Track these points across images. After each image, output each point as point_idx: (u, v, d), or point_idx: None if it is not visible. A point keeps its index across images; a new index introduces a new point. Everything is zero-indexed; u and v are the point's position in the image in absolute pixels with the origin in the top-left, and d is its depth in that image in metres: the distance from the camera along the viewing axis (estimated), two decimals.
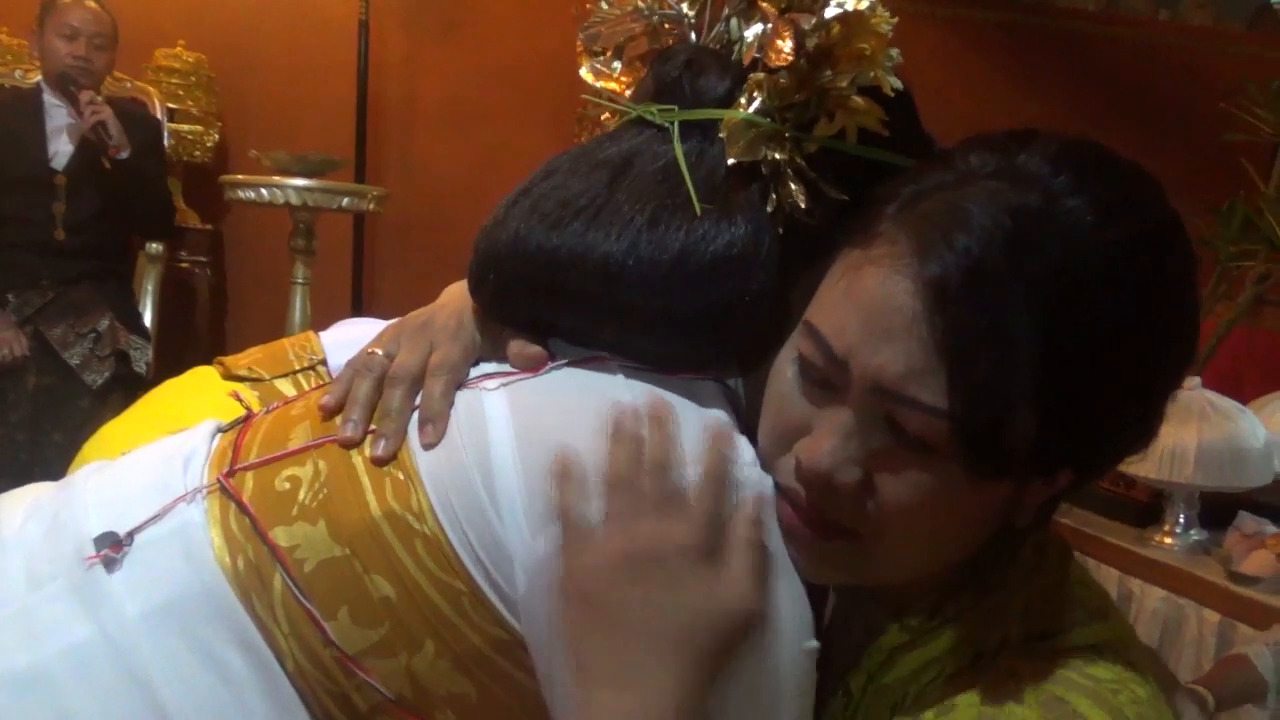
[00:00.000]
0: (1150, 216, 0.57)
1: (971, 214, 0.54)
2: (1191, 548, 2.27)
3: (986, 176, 0.56)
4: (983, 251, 0.53)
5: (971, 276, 0.53)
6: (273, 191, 2.77)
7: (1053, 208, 0.54)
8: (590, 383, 0.65)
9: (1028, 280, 0.53)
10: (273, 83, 3.58)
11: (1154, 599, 2.22)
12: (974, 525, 0.61)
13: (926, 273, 0.54)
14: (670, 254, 0.62)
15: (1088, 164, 0.57)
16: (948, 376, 0.54)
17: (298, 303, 2.92)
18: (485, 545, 0.60)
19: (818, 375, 0.59)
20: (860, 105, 0.63)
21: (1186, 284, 0.59)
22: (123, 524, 0.64)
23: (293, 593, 0.61)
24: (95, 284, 2.78)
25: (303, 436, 0.67)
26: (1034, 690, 0.58)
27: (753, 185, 0.64)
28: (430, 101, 3.73)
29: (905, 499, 0.58)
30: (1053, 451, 0.57)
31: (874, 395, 0.57)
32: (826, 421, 0.59)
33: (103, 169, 2.71)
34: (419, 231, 3.70)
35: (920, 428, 0.56)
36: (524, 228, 0.65)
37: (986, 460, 0.56)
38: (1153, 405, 0.60)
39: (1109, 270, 0.54)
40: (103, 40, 2.78)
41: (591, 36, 0.72)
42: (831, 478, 0.58)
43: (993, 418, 0.54)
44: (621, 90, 0.73)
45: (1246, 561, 2.09)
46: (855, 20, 0.62)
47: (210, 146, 3.45)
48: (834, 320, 0.58)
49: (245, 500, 0.64)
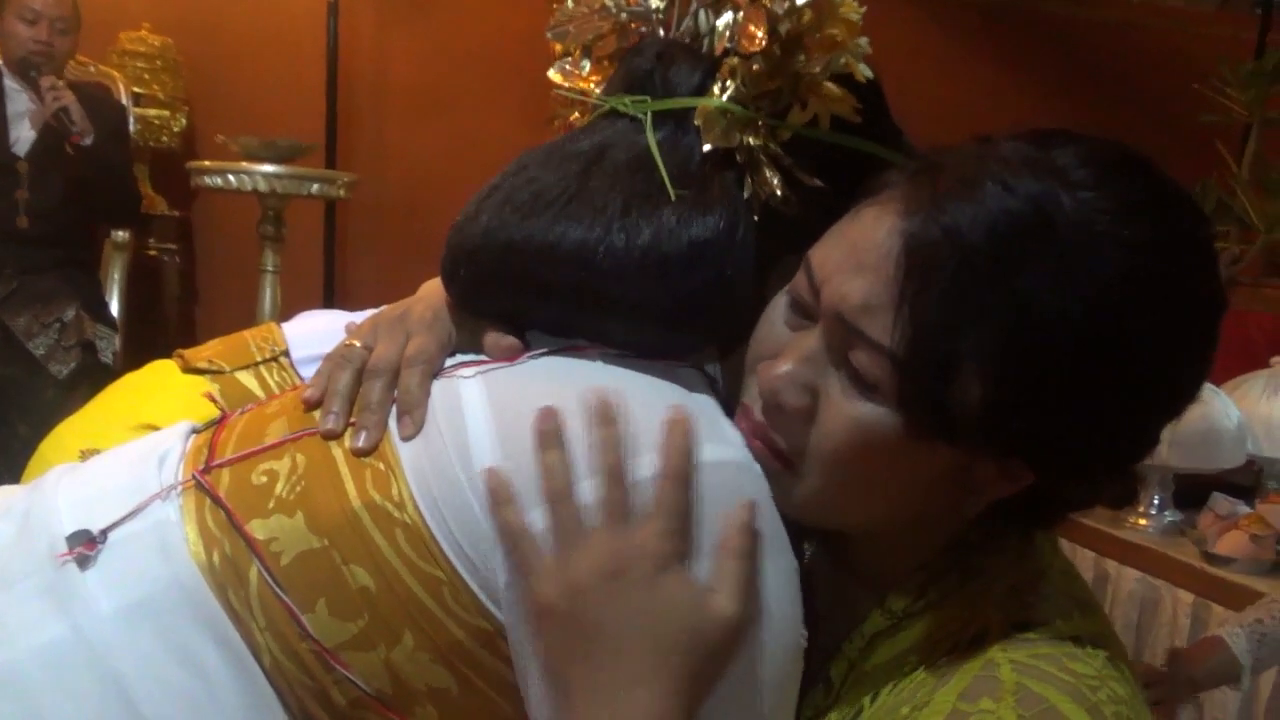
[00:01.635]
0: (1173, 229, 0.56)
1: (980, 186, 0.54)
2: (1166, 529, 2.28)
3: (1013, 159, 0.56)
4: (973, 220, 0.53)
5: (951, 236, 0.53)
6: (241, 178, 2.74)
7: (1068, 197, 0.54)
8: (568, 369, 0.64)
9: (1011, 263, 0.52)
10: (241, 66, 3.53)
11: (1130, 580, 2.24)
12: (906, 486, 0.60)
13: (911, 220, 0.55)
14: (643, 241, 0.62)
15: (1119, 165, 0.56)
16: (895, 320, 0.55)
17: (268, 291, 2.89)
18: (466, 532, 0.59)
19: (801, 304, 0.61)
20: (834, 92, 0.64)
21: (1196, 312, 0.56)
22: (96, 522, 0.63)
23: (270, 586, 0.60)
24: (60, 272, 2.73)
25: (279, 432, 0.67)
26: (1012, 685, 0.57)
27: (727, 173, 0.64)
28: (402, 85, 3.70)
29: (841, 437, 0.58)
30: (996, 430, 0.56)
31: (835, 324, 0.58)
32: (793, 345, 0.60)
33: (66, 155, 2.66)
34: (392, 216, 3.67)
35: (866, 364, 0.57)
36: (496, 220, 0.65)
37: (922, 413, 0.56)
38: (1137, 425, 0.58)
39: (1113, 272, 0.53)
40: (65, 24, 2.73)
41: (559, 35, 0.72)
42: (779, 397, 0.59)
43: (933, 372, 0.54)
44: (591, 90, 0.73)
45: (1221, 542, 2.10)
46: (826, 6, 0.63)
47: (177, 132, 3.41)
48: (823, 250, 0.60)
49: (221, 495, 0.63)
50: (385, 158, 3.67)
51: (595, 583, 0.56)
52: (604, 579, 0.56)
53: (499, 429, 0.60)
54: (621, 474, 0.58)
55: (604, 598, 0.56)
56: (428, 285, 0.74)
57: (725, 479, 0.59)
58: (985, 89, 4.04)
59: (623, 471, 0.58)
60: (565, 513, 0.58)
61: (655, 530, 0.57)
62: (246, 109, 3.48)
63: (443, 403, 0.63)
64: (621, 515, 0.57)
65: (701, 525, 0.58)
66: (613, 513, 0.57)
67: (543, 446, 0.58)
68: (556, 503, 0.58)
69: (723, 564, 0.57)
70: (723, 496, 0.59)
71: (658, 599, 0.56)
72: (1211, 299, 0.57)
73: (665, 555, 0.56)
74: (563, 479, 0.58)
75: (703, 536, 0.58)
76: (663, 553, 0.56)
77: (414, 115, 3.69)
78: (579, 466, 0.58)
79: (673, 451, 0.58)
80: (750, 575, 0.58)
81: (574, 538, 0.57)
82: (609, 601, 0.56)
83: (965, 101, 3.98)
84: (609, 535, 0.57)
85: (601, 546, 0.57)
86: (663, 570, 0.56)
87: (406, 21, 3.67)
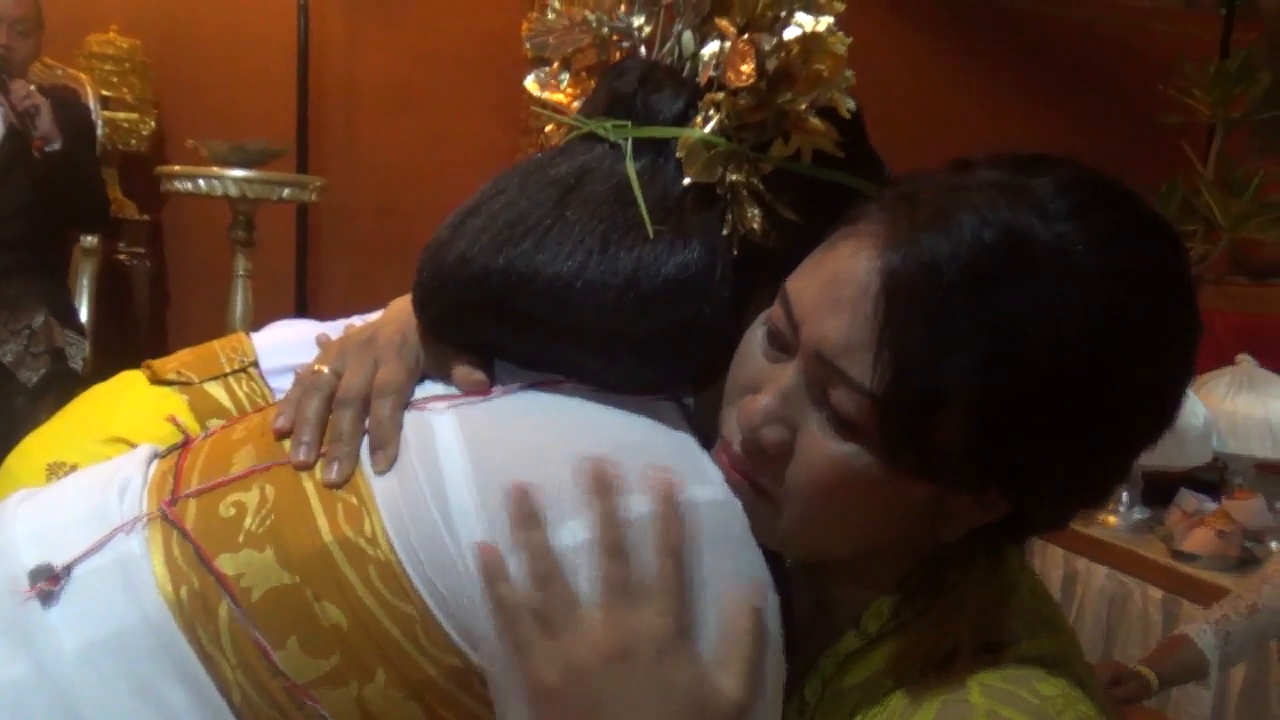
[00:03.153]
0: (1149, 259, 0.55)
1: (956, 218, 0.54)
2: (1135, 526, 2.31)
3: (990, 187, 0.55)
4: (951, 254, 0.53)
5: (929, 272, 0.53)
6: (211, 183, 2.72)
7: (1044, 228, 0.53)
8: (544, 407, 0.63)
9: (988, 295, 0.52)
10: (211, 69, 3.50)
11: (1099, 577, 2.26)
12: (884, 519, 0.60)
13: (889, 256, 0.55)
14: (621, 276, 0.61)
15: (1097, 195, 0.56)
16: (876, 360, 0.54)
17: (239, 296, 2.87)
18: (440, 570, 0.59)
19: (778, 337, 0.60)
20: (817, 127, 0.63)
21: (1174, 342, 0.56)
22: (58, 556, 0.61)
23: (240, 622, 0.59)
24: (28, 278, 2.69)
25: (246, 460, 0.65)
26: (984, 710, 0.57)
27: (707, 207, 0.64)
28: (373, 86, 3.68)
29: (819, 473, 0.58)
30: (976, 467, 0.56)
31: (815, 362, 0.58)
32: (772, 380, 0.60)
33: (32, 159, 2.63)
34: (364, 219, 3.65)
35: (846, 403, 0.56)
36: (471, 248, 0.64)
37: (903, 453, 0.56)
38: (1115, 453, 0.58)
39: (1087, 305, 0.53)
40: (25, 25, 2.68)
41: (539, 46, 0.71)
42: (758, 433, 0.59)
43: (914, 412, 0.54)
44: (569, 102, 0.72)
45: (1188, 539, 2.13)
46: (814, 41, 0.62)
47: (147, 135, 3.37)
48: (800, 284, 0.59)
49: (188, 528, 0.62)
50: (357, 161, 3.65)
51: (599, 664, 0.55)
52: (608, 660, 0.55)
53: (475, 471, 0.59)
54: (622, 551, 0.56)
55: (608, 679, 0.55)
56: (396, 304, 0.73)
57: (709, 520, 0.59)
58: (954, 85, 4.07)
59: (623, 549, 0.56)
60: (557, 592, 0.56)
61: (658, 609, 0.56)
62: (217, 112, 3.45)
63: (416, 438, 0.62)
64: (622, 593, 0.56)
65: (694, 571, 0.57)
66: (613, 591, 0.56)
67: (523, 527, 0.57)
68: (547, 583, 0.56)
69: (731, 647, 0.57)
70: (706, 539, 0.58)
71: (663, 680, 0.55)
72: (1188, 327, 0.57)
73: (669, 634, 0.56)
74: (549, 559, 0.56)
75: (696, 588, 0.57)
76: (666, 632, 0.56)
77: (385, 117, 3.67)
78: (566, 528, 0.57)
79: (665, 522, 0.57)
80: (760, 660, 0.57)
81: (570, 617, 0.56)
82: (614, 683, 0.55)
83: (934, 97, 4.01)
84: (610, 614, 0.56)
85: (603, 626, 0.56)
86: (667, 650, 0.56)
87: (377, 23, 3.64)
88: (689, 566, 0.57)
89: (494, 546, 0.57)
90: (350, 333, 0.73)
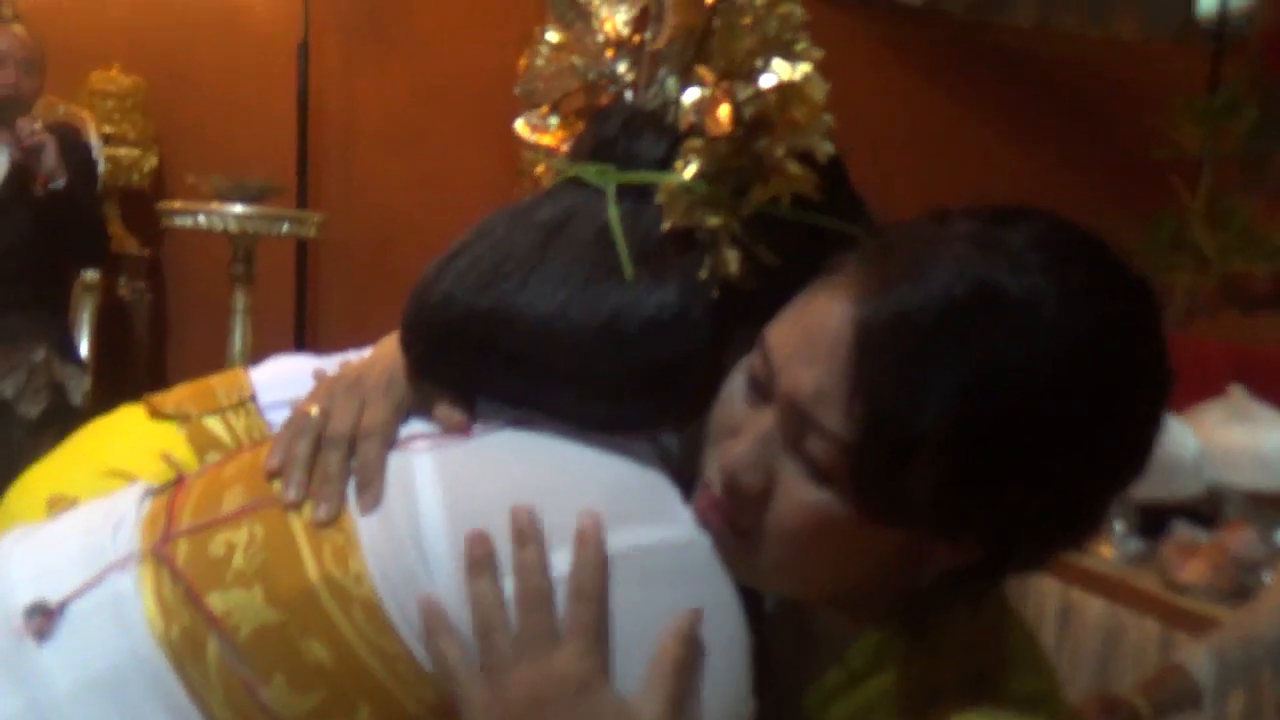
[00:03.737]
0: (1120, 315, 0.56)
1: (929, 270, 0.55)
2: (1129, 558, 2.31)
3: (963, 239, 0.56)
4: (922, 305, 0.54)
5: (900, 323, 0.54)
6: (211, 218, 2.74)
7: (1015, 281, 0.54)
8: (520, 447, 0.65)
9: (959, 346, 0.53)
10: (212, 106, 3.54)
11: (1094, 610, 2.26)
12: (858, 563, 0.61)
13: (863, 307, 0.56)
14: (600, 317, 0.63)
15: (1072, 248, 0.56)
16: (848, 410, 0.55)
17: (238, 330, 2.89)
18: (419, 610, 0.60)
19: (758, 383, 0.61)
20: (796, 171, 0.64)
21: (1145, 396, 0.57)
22: (52, 594, 0.63)
23: (227, 659, 0.61)
24: (29, 313, 2.72)
25: (237, 499, 0.66)
26: None
27: (686, 249, 0.65)
28: (372, 123, 3.72)
29: (794, 519, 0.59)
30: (947, 514, 0.57)
31: (790, 410, 0.58)
32: (751, 426, 0.61)
33: (34, 195, 2.66)
34: (363, 254, 3.67)
35: (820, 451, 0.57)
36: (456, 288, 0.65)
37: (875, 501, 0.57)
38: (1085, 501, 0.59)
39: (1057, 359, 0.54)
40: (30, 65, 2.73)
41: (528, 91, 0.73)
42: (736, 478, 0.60)
43: (885, 460, 0.55)
44: (558, 145, 0.74)
45: (1183, 570, 2.13)
46: (791, 89, 0.63)
47: (148, 171, 3.41)
48: (778, 333, 0.60)
49: (179, 567, 0.63)
50: (356, 196, 3.68)
51: (521, 711, 0.58)
52: (529, 707, 0.57)
53: (449, 514, 0.61)
54: (539, 600, 0.58)
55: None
56: (385, 342, 0.74)
57: (659, 562, 0.60)
58: (945, 120, 4.11)
59: (540, 597, 0.58)
60: (495, 642, 0.58)
61: (572, 652, 0.58)
62: (217, 149, 3.48)
63: (396, 480, 0.64)
64: (540, 641, 0.58)
65: (633, 615, 0.59)
66: (531, 640, 0.58)
67: (472, 575, 0.59)
68: (486, 634, 0.59)
69: (655, 671, 0.58)
70: (655, 580, 0.60)
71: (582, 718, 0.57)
72: (1158, 377, 0.58)
73: (583, 676, 0.58)
74: (493, 609, 0.58)
75: (635, 629, 0.59)
76: (581, 674, 0.58)
77: (383, 154, 3.71)
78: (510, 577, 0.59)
79: (583, 567, 0.59)
80: (681, 686, 0.59)
81: (503, 666, 0.58)
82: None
83: (925, 132, 4.05)
84: (530, 663, 0.58)
85: (525, 675, 0.58)
86: (584, 692, 0.57)
87: (375, 62, 3.69)
88: (613, 607, 0.59)
89: (434, 599, 0.59)
90: (339, 372, 0.74)
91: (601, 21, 0.69)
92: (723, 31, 0.64)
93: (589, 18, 0.69)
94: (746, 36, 0.63)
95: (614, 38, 0.69)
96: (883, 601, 0.66)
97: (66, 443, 0.97)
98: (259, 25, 3.57)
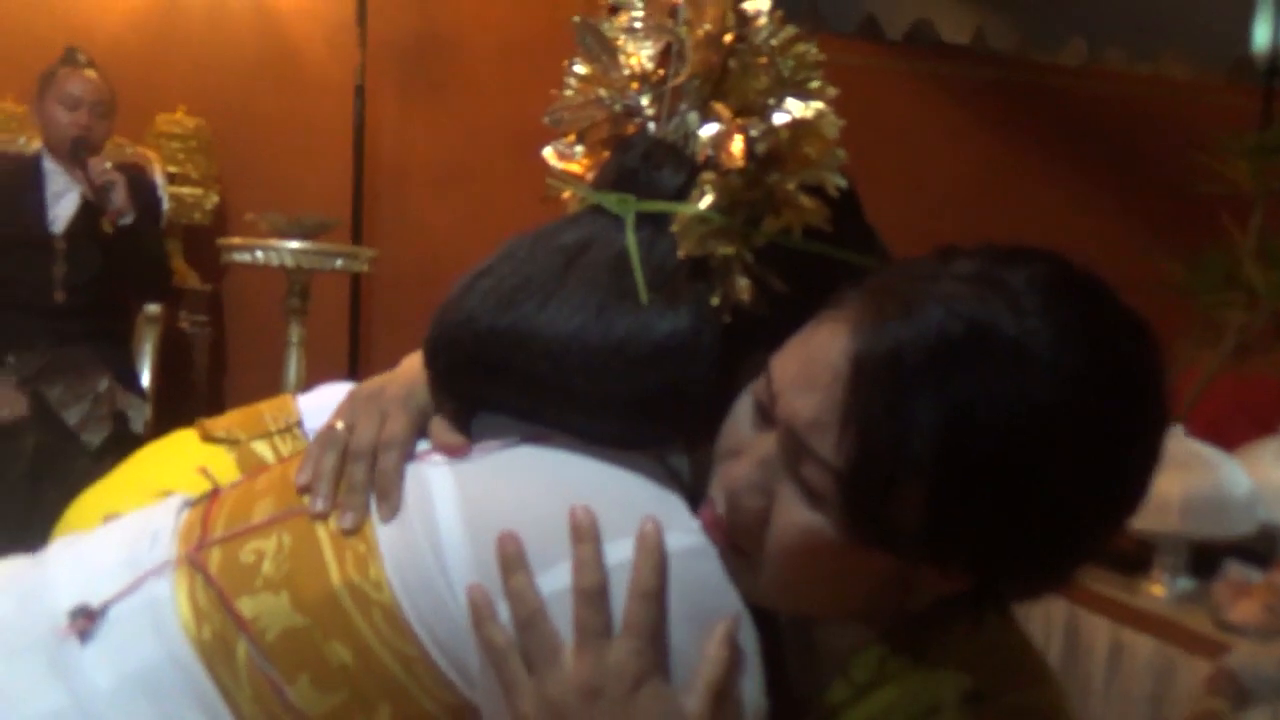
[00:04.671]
0: (1110, 359, 0.57)
1: (924, 307, 0.56)
2: (1180, 597, 2.26)
3: (961, 278, 0.58)
4: (914, 342, 0.55)
5: (893, 358, 0.56)
6: (268, 254, 2.81)
7: (1011, 322, 0.55)
8: (535, 462, 0.67)
9: (946, 383, 0.55)
10: (271, 146, 3.64)
11: (1145, 650, 2.21)
12: (850, 586, 0.63)
13: (859, 340, 0.58)
14: (613, 340, 0.65)
15: (1068, 291, 0.57)
16: (841, 438, 0.57)
17: (293, 362, 2.94)
18: (438, 615, 0.63)
19: (762, 408, 0.63)
20: (807, 204, 0.66)
21: (1134, 436, 0.58)
22: (94, 598, 0.66)
23: (256, 660, 0.64)
24: (94, 344, 2.82)
25: (267, 510, 0.70)
26: None
27: (699, 277, 0.67)
28: (424, 163, 3.80)
29: (789, 541, 0.61)
30: (933, 543, 0.58)
31: (788, 436, 0.60)
32: (754, 449, 0.63)
33: (102, 232, 2.76)
34: (413, 289, 3.72)
35: (814, 476, 0.59)
36: (478, 308, 0.68)
37: (863, 526, 0.58)
38: (1070, 540, 0.60)
39: (1045, 400, 0.54)
40: (103, 109, 2.85)
41: (556, 120, 0.75)
42: (737, 498, 0.62)
43: (874, 488, 0.56)
44: (583, 172, 0.76)
45: (1235, 610, 2.08)
46: (803, 127, 0.65)
47: (209, 209, 3.50)
48: (781, 362, 0.62)
49: (212, 573, 0.66)
50: (407, 233, 3.75)
51: (574, 702, 0.60)
52: (582, 699, 0.59)
53: (467, 521, 0.64)
54: (595, 595, 0.60)
55: (582, 716, 0.59)
56: (408, 359, 0.77)
57: (688, 567, 0.62)
58: (991, 158, 4.09)
59: (596, 592, 0.60)
60: (539, 633, 0.60)
61: (628, 649, 0.60)
62: (276, 187, 3.58)
63: (415, 491, 0.66)
64: (595, 635, 0.60)
65: (668, 612, 0.61)
66: (587, 633, 0.60)
67: (508, 571, 0.61)
68: (529, 626, 0.60)
69: (699, 674, 0.60)
70: (686, 584, 0.62)
71: (634, 715, 0.59)
72: (1149, 421, 0.58)
73: (640, 671, 0.60)
74: (531, 601, 0.60)
75: (669, 627, 0.61)
76: (638, 670, 0.60)
77: (434, 192, 3.78)
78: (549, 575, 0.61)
79: (645, 568, 0.61)
80: (723, 687, 0.61)
81: (551, 658, 0.60)
82: (587, 719, 0.59)
83: (972, 170, 4.04)
84: (584, 655, 0.60)
85: (578, 667, 0.60)
86: (638, 686, 0.59)
87: (428, 104, 3.78)
88: (663, 607, 0.61)
89: (483, 588, 0.61)
90: (361, 387, 0.77)
91: (627, 56, 0.71)
92: (738, 71, 0.66)
93: (615, 53, 0.71)
94: (761, 75, 0.65)
95: (638, 72, 0.72)
96: (881, 620, 0.67)
97: (122, 465, 1.01)
98: (317, 70, 3.67)
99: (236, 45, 3.62)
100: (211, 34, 3.59)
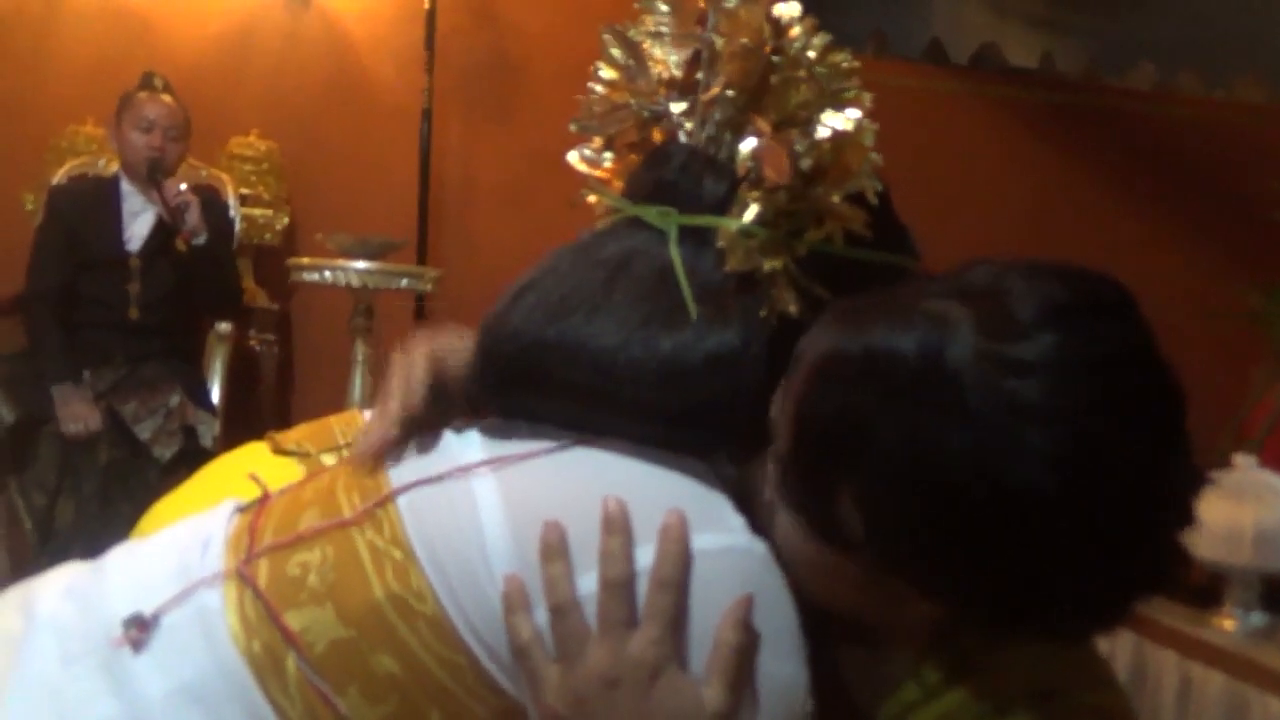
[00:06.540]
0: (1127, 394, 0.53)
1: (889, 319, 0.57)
2: (1253, 633, 2.20)
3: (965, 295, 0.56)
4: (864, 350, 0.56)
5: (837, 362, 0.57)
6: (336, 274, 2.87)
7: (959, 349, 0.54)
8: (579, 465, 0.67)
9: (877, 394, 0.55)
10: (340, 169, 3.71)
11: (1215, 686, 2.15)
12: (842, 586, 0.63)
13: (830, 339, 0.59)
14: (662, 354, 0.65)
15: (1083, 313, 0.54)
16: (789, 428, 0.59)
17: (358, 380, 2.99)
18: (484, 619, 0.63)
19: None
20: (848, 212, 0.66)
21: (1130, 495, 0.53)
22: (148, 606, 0.68)
23: (305, 674, 0.65)
24: (166, 361, 2.89)
25: (311, 520, 0.71)
26: None
27: (746, 290, 0.67)
28: (488, 184, 3.85)
29: (780, 535, 0.63)
30: (881, 555, 0.58)
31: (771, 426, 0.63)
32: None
33: (176, 252, 2.84)
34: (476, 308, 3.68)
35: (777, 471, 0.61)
36: (525, 321, 0.69)
37: (814, 525, 0.60)
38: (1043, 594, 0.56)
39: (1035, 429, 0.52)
40: (177, 132, 2.93)
41: (584, 127, 0.76)
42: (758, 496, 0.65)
43: (809, 481, 0.58)
44: (611, 178, 0.77)
45: None
46: (845, 138, 0.65)
47: (280, 230, 3.57)
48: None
49: (260, 587, 0.67)
50: (472, 253, 3.80)
51: (594, 692, 0.60)
52: (602, 688, 0.60)
53: (510, 517, 0.64)
54: (620, 585, 0.61)
55: (602, 706, 0.60)
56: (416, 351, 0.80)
57: (723, 566, 0.62)
58: (1060, 184, 4.02)
59: (621, 583, 0.61)
60: (569, 624, 0.61)
61: (647, 638, 0.60)
62: (344, 208, 3.64)
63: (462, 504, 0.66)
64: (617, 625, 0.60)
65: (698, 614, 0.61)
66: (609, 624, 0.61)
67: (546, 559, 0.62)
68: (560, 614, 0.61)
69: (714, 658, 0.60)
70: (719, 583, 0.61)
71: (652, 704, 0.60)
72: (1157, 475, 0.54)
73: (657, 661, 0.60)
74: (565, 591, 0.61)
75: (699, 626, 0.61)
76: (655, 660, 0.60)
77: (499, 213, 3.82)
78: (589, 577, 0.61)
79: (666, 558, 0.61)
80: (741, 668, 0.60)
81: (577, 648, 0.61)
82: (607, 709, 0.60)
83: (1040, 196, 3.98)
84: (605, 645, 0.60)
85: (599, 657, 0.60)
86: (656, 676, 0.60)
87: (493, 127, 3.83)
88: (687, 600, 0.61)
89: (520, 579, 0.62)
90: None
91: (655, 62, 0.71)
92: (779, 84, 0.66)
93: (642, 57, 0.71)
94: (801, 88, 0.65)
95: (666, 77, 0.72)
96: (921, 632, 0.67)
97: (196, 475, 1.04)
98: (385, 94, 3.74)
99: (308, 71, 3.70)
100: (284, 60, 3.68)
